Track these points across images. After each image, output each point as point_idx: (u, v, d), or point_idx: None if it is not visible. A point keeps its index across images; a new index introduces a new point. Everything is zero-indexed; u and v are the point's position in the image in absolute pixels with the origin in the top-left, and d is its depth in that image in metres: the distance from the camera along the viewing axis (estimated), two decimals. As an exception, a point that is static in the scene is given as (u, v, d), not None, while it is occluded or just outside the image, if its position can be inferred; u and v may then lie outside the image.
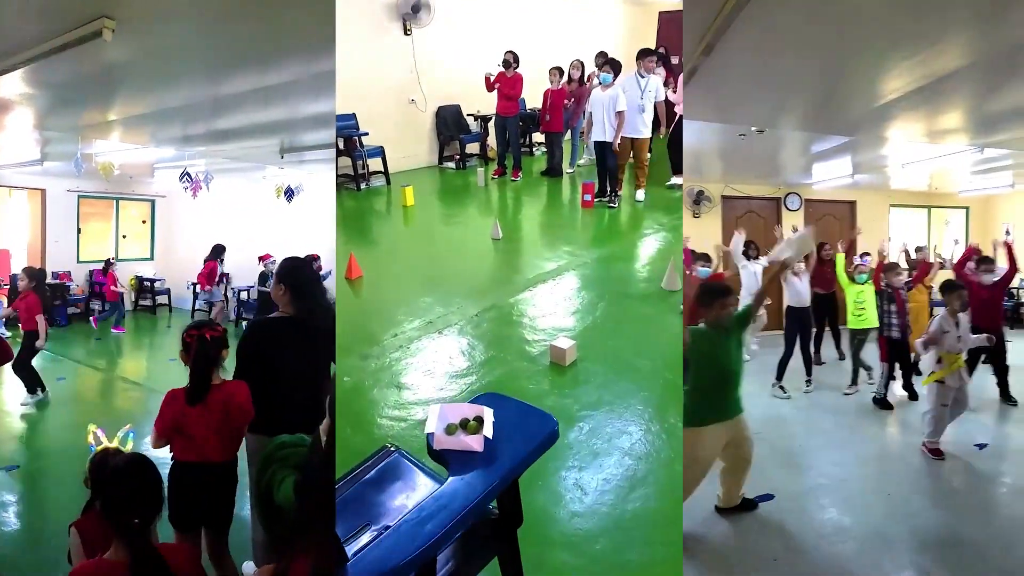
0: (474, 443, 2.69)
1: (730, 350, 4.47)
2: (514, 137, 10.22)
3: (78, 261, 12.95)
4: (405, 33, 9.98)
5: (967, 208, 12.56)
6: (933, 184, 11.00)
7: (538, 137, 11.72)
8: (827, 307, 8.40)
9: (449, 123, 10.88)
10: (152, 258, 14.31)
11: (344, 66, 8.80)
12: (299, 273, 3.95)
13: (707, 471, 4.49)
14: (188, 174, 9.91)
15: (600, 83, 8.81)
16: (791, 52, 4.31)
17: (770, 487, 5.03)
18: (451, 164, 11.01)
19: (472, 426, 2.77)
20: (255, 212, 12.22)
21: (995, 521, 4.80)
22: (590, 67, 10.32)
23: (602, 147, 8.79)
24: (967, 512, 4.90)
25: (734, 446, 4.56)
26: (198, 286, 11.82)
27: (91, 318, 12.38)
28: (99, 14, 3.55)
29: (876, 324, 7.39)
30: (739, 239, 8.01)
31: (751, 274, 7.95)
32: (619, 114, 8.49)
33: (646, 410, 4.66)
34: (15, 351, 7.23)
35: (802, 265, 7.50)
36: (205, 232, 12.48)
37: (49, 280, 11.83)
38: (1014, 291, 10.71)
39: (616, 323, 5.92)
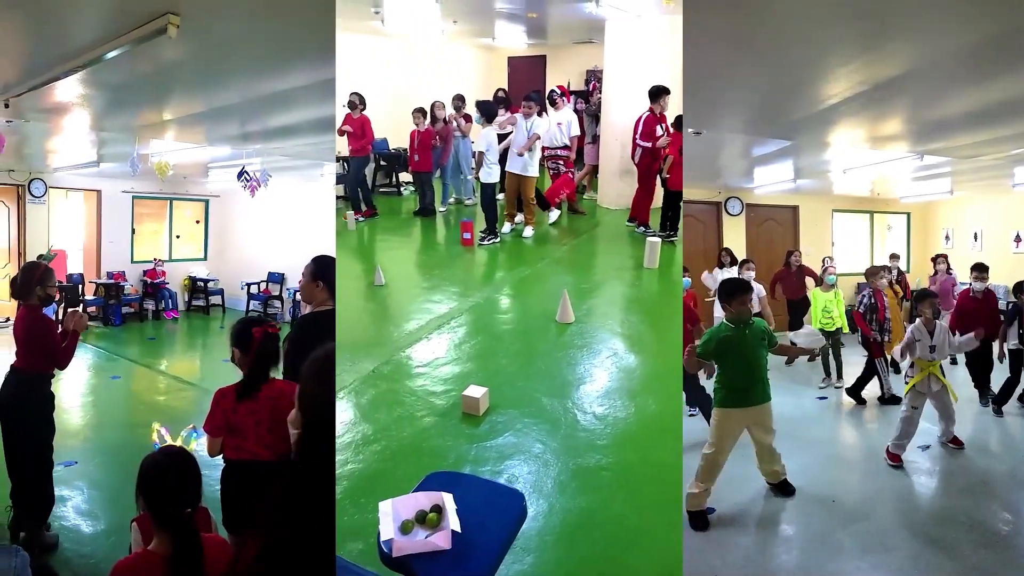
0: (441, 541, 2.32)
1: (753, 343, 4.72)
2: (364, 177, 10.40)
3: (132, 261, 13.10)
4: None
5: (908, 214, 12.67)
6: (875, 190, 11.04)
7: (405, 176, 11.93)
8: (798, 313, 8.73)
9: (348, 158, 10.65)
10: (205, 258, 14.25)
11: None
12: (331, 270, 4.09)
13: (726, 454, 4.72)
14: (246, 172, 9.55)
15: (475, 122, 9.31)
16: (731, 53, 4.18)
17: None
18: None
19: (432, 519, 2.43)
20: (311, 210, 11.70)
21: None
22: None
23: (490, 186, 9.01)
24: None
25: (759, 431, 4.81)
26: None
27: (165, 313, 12.72)
28: (164, 10, 3.49)
29: (843, 326, 7.75)
30: (711, 278, 8.57)
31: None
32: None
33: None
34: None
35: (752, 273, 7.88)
36: (259, 232, 12.89)
37: (103, 280, 12.51)
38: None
39: (522, 362, 5.79)
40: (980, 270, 7.41)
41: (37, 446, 4.68)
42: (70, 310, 5.32)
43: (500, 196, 9.38)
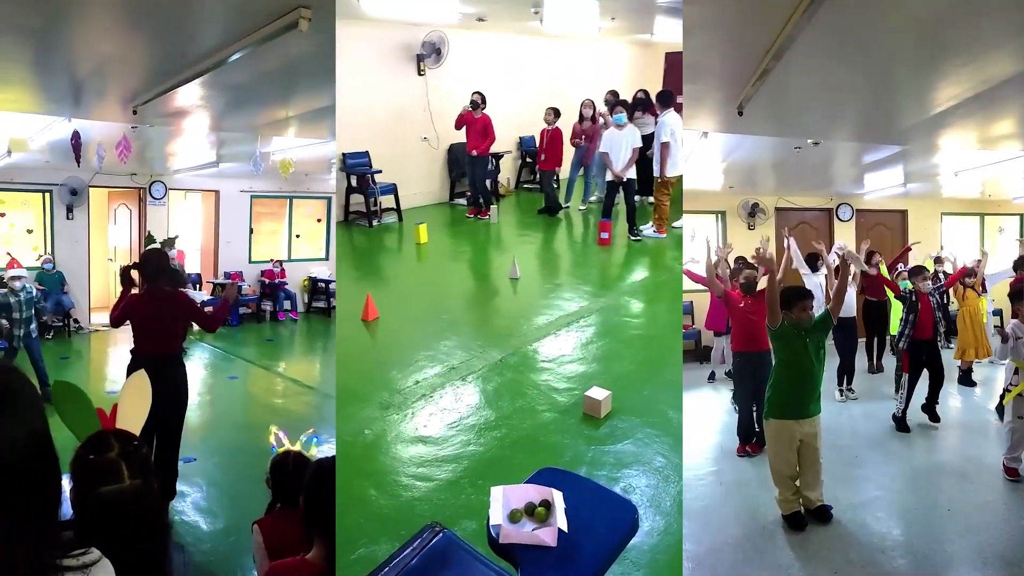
0: (547, 537, 2.28)
1: (809, 352, 4.62)
2: (481, 177, 10.09)
3: (250, 261, 12.79)
4: (419, 73, 10.17)
5: (1021, 215, 12.25)
6: (986, 191, 10.75)
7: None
8: (879, 315, 8.31)
9: (460, 161, 10.69)
10: (327, 258, 13.57)
11: (359, 104, 8.96)
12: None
13: (793, 461, 4.65)
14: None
15: (614, 123, 9.05)
16: (847, 66, 4.36)
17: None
18: (462, 201, 10.88)
19: (540, 513, 2.38)
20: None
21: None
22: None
23: (628, 185, 9.02)
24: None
25: (806, 445, 4.67)
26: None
27: (278, 314, 12.34)
28: (296, 5, 3.42)
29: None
30: (794, 246, 7.85)
31: (816, 285, 7.86)
32: (635, 150, 8.89)
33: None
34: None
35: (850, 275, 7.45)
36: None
37: (221, 280, 12.15)
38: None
39: (649, 371, 5.59)
40: None
41: (174, 425, 4.88)
42: (228, 283, 5.52)
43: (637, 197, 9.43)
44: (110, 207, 12.07)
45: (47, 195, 10.81)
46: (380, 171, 9.78)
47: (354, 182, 9.75)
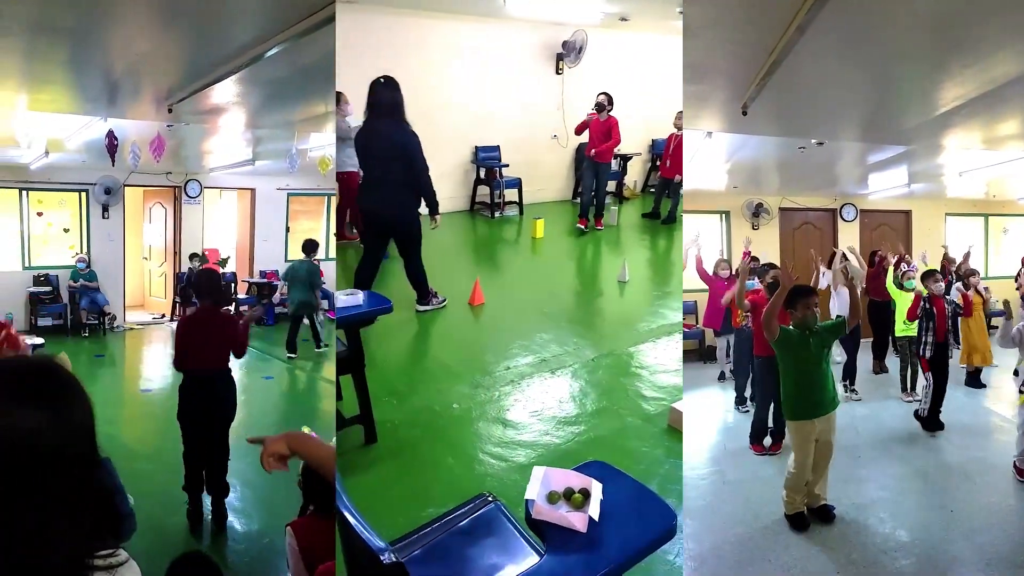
0: (577, 521, 2.32)
1: (814, 351, 4.56)
2: (602, 185, 9.38)
3: (286, 260, 12.32)
4: (557, 72, 10.15)
5: (1026, 215, 12.20)
6: (991, 192, 10.72)
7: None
8: (882, 315, 8.22)
9: (587, 161, 10.11)
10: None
11: (494, 100, 9.26)
12: None
13: (811, 462, 4.59)
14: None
15: None
16: (851, 66, 4.34)
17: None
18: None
19: (577, 499, 2.44)
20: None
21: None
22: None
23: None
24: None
25: (821, 442, 4.62)
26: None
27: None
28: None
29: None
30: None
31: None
32: None
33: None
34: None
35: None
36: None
37: (256, 279, 12.13)
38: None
39: None
40: None
41: (222, 436, 5.13)
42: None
43: None
44: (145, 206, 12.13)
45: (83, 194, 10.92)
46: (507, 165, 9.78)
47: (482, 174, 9.79)
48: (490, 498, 2.87)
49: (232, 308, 11.10)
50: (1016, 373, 5.53)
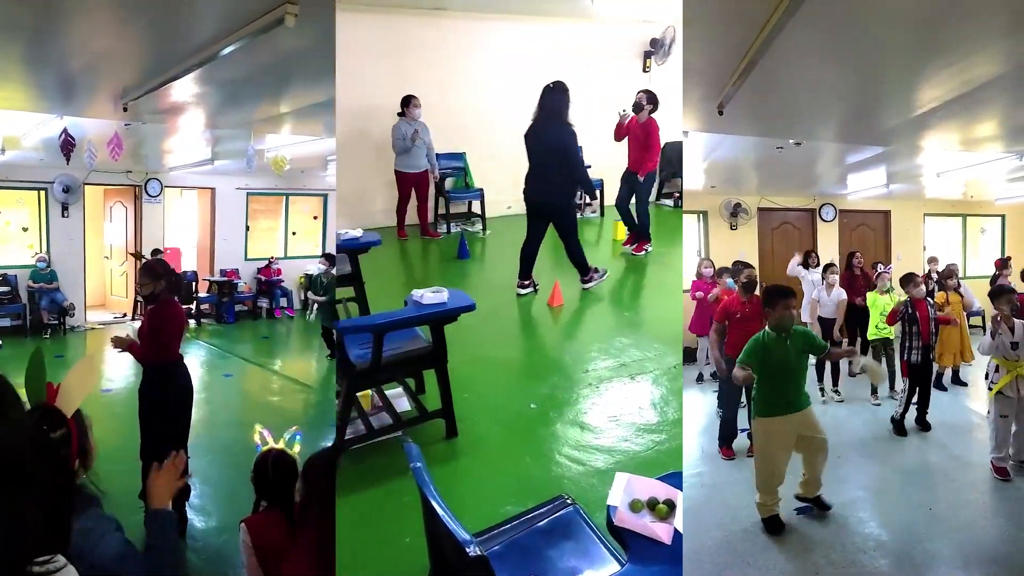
0: (662, 532, 2.30)
1: (794, 353, 4.56)
2: (641, 201, 7.88)
3: (246, 259, 12.74)
4: (644, 70, 9.76)
5: (1003, 216, 12.28)
6: (968, 192, 10.79)
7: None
8: (859, 318, 8.22)
9: (672, 160, 9.38)
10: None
11: (578, 101, 8.84)
12: None
13: (782, 464, 4.59)
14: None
15: None
16: (829, 65, 4.30)
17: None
18: (668, 202, 9.92)
19: (661, 509, 2.40)
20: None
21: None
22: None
23: None
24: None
25: (807, 437, 4.63)
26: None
27: (274, 311, 12.38)
28: (281, 0, 3.39)
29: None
30: (796, 259, 8.31)
31: (810, 283, 8.09)
32: None
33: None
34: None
35: (835, 277, 7.68)
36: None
37: (217, 277, 12.15)
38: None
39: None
40: None
41: (180, 434, 4.87)
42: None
43: None
44: (106, 205, 12.03)
45: (42, 193, 10.82)
46: (590, 166, 8.77)
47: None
48: (568, 500, 2.88)
49: (193, 306, 11.17)
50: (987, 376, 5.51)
